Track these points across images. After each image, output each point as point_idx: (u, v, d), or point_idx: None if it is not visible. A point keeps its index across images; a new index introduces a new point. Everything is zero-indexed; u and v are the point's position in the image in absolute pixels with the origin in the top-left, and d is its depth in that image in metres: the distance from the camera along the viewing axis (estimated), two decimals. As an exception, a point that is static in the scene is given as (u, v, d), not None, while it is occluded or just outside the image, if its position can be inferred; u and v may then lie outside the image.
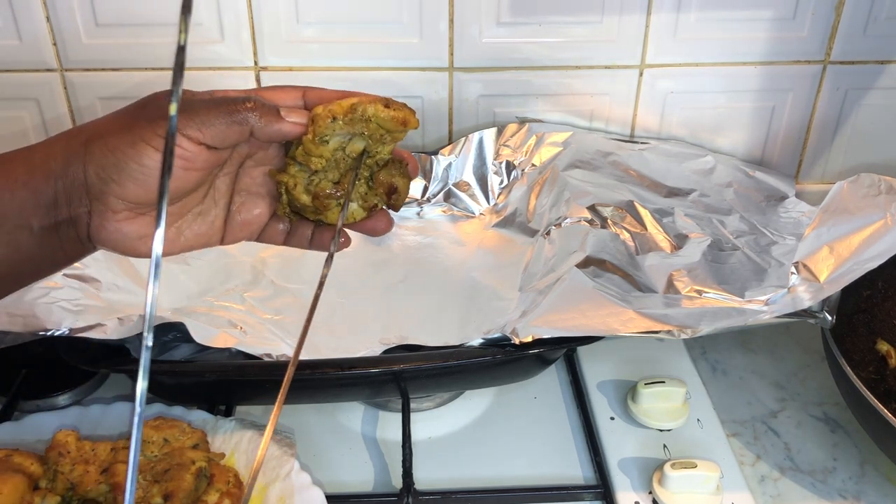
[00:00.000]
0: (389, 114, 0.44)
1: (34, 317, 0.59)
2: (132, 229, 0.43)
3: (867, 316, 0.71)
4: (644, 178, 0.79)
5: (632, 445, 0.64)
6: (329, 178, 0.46)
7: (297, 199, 0.46)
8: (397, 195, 0.48)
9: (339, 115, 0.44)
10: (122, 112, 0.44)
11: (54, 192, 0.42)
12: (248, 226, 0.48)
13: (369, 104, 0.44)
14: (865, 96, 0.83)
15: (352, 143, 0.45)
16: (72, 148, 0.42)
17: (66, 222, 0.42)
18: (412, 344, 0.63)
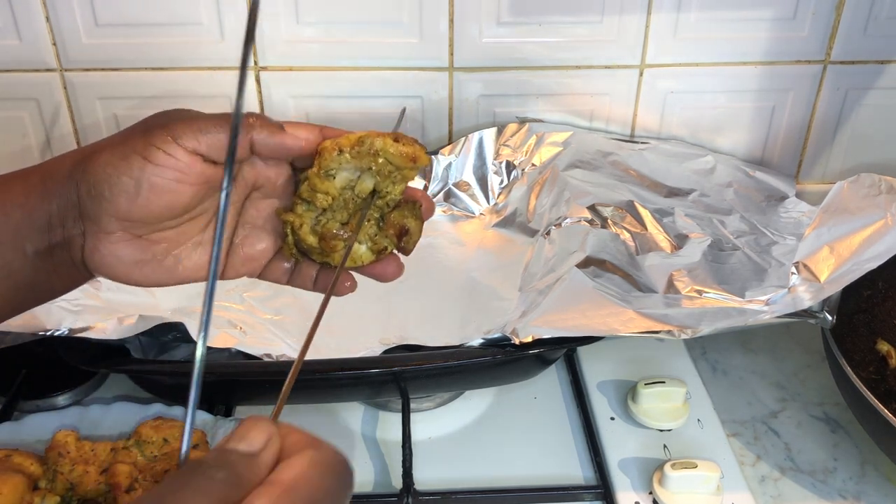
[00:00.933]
0: (398, 148, 0.42)
1: (34, 317, 0.59)
2: (127, 253, 0.41)
3: (867, 316, 0.71)
4: (644, 178, 0.79)
5: (632, 445, 0.64)
6: (337, 218, 0.44)
7: (304, 239, 0.44)
8: (408, 237, 0.45)
9: (345, 148, 0.42)
10: (126, 129, 0.43)
11: (48, 214, 0.40)
12: (252, 261, 0.46)
13: (377, 137, 0.42)
14: (865, 96, 0.83)
15: (361, 181, 0.43)
16: (68, 166, 0.41)
17: (60, 245, 0.41)
18: (412, 344, 0.63)
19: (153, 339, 0.65)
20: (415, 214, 0.45)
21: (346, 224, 0.44)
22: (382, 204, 0.44)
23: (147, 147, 0.39)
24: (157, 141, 0.39)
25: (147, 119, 0.42)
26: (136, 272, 0.42)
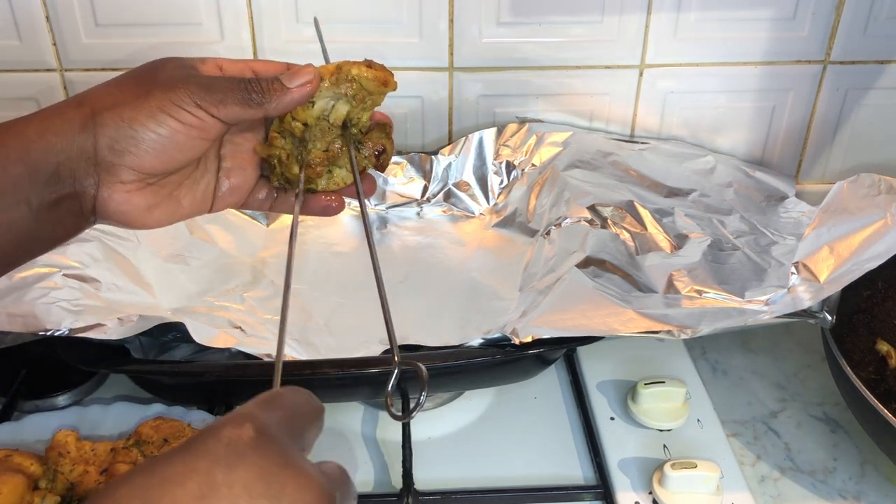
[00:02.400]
0: (372, 73, 0.47)
1: (34, 317, 0.59)
2: (141, 200, 0.43)
3: (867, 316, 0.71)
4: (644, 178, 0.79)
5: (632, 445, 0.64)
6: (318, 147, 0.48)
7: (289, 170, 0.48)
8: (385, 156, 0.50)
9: (325, 76, 0.46)
10: (129, 81, 0.43)
11: (56, 167, 0.41)
12: (236, 191, 0.49)
13: (353, 65, 0.47)
14: (865, 96, 0.83)
15: (335, 109, 0.48)
16: (76, 120, 0.41)
17: (70, 197, 0.42)
18: (412, 344, 0.63)
19: (153, 339, 0.65)
20: (387, 135, 0.51)
21: (327, 151, 0.49)
22: (356, 132, 0.49)
23: (173, 107, 0.41)
24: (182, 102, 0.42)
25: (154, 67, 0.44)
26: (147, 216, 0.45)
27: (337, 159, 0.49)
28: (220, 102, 0.43)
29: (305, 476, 0.28)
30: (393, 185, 0.84)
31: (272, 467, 0.28)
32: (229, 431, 0.28)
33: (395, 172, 0.83)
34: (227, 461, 0.27)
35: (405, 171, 0.84)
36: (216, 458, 0.27)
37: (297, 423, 0.31)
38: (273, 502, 0.27)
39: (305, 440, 0.32)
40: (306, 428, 0.32)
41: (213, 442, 0.28)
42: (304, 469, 0.29)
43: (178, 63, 0.44)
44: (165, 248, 0.74)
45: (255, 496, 0.27)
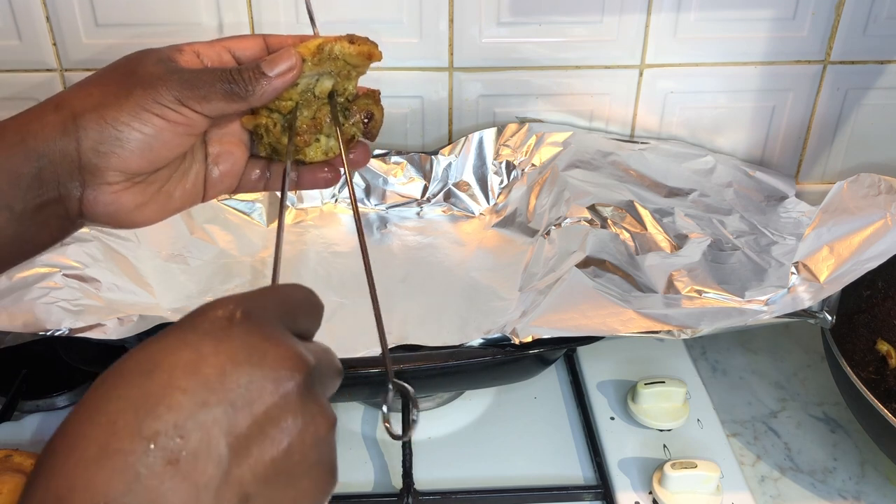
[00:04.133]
0: (355, 49, 0.46)
1: (34, 317, 0.59)
2: (129, 199, 0.43)
3: (867, 316, 0.71)
4: (644, 178, 0.79)
5: (632, 445, 0.64)
6: (305, 115, 0.47)
7: (278, 139, 0.48)
8: (374, 122, 0.49)
9: (307, 57, 0.45)
10: (108, 78, 0.43)
11: (37, 172, 0.40)
12: (227, 176, 0.49)
13: (335, 43, 0.46)
14: (865, 96, 0.83)
15: (319, 83, 0.47)
16: (56, 123, 0.41)
17: (53, 201, 0.41)
18: (412, 344, 0.63)
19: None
20: (375, 101, 0.49)
21: (314, 119, 0.48)
22: (343, 100, 0.48)
23: (156, 105, 0.41)
24: (165, 100, 0.41)
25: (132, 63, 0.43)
26: (137, 215, 0.44)
27: (324, 127, 0.48)
28: (204, 98, 0.42)
29: (285, 346, 0.31)
30: (393, 185, 0.84)
31: (255, 340, 0.30)
32: (219, 312, 0.31)
33: (395, 172, 0.83)
34: (214, 335, 0.30)
35: (405, 171, 0.84)
36: (205, 332, 0.30)
37: (288, 310, 0.33)
38: (254, 368, 0.30)
39: (298, 327, 0.34)
40: (299, 317, 0.34)
41: (201, 320, 0.31)
42: (285, 341, 0.31)
43: (156, 57, 0.44)
44: (165, 248, 0.74)
45: (238, 363, 0.29)
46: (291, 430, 0.30)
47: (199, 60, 0.45)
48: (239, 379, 0.29)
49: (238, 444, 0.29)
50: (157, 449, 0.27)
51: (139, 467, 0.27)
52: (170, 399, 0.28)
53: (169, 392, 0.28)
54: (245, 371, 0.29)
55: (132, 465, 0.27)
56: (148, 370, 0.29)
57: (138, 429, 0.27)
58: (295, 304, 0.34)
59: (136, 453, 0.27)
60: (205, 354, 0.29)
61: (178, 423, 0.28)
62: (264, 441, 0.29)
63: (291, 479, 0.30)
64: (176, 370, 0.29)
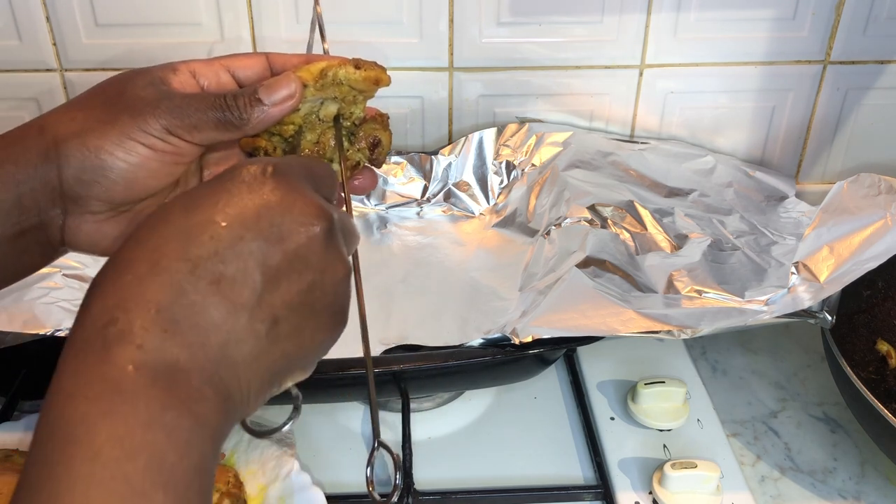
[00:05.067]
0: (361, 74, 0.43)
1: (34, 317, 0.59)
2: (112, 229, 0.41)
3: (867, 316, 0.71)
4: (644, 178, 0.79)
5: (632, 445, 0.64)
6: (308, 139, 0.45)
7: None
8: (380, 149, 0.47)
9: (309, 82, 0.43)
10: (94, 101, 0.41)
11: (17, 199, 0.38)
12: None
13: (339, 67, 0.43)
14: (865, 96, 0.83)
15: (324, 107, 0.45)
16: (38, 149, 0.39)
17: (34, 228, 0.39)
18: (412, 344, 0.63)
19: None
20: (383, 126, 0.47)
21: (318, 143, 0.46)
22: (349, 125, 0.46)
23: (142, 134, 0.39)
24: (152, 129, 0.39)
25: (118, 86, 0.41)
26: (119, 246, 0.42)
27: (328, 152, 0.46)
28: (194, 128, 0.40)
29: (311, 198, 0.35)
30: (393, 185, 0.84)
31: (285, 190, 0.34)
32: (254, 168, 0.34)
33: (395, 172, 0.83)
34: (249, 185, 0.34)
35: (405, 171, 0.84)
36: (241, 181, 0.34)
37: (312, 174, 0.37)
38: (285, 213, 0.33)
39: (321, 192, 0.36)
40: (321, 183, 0.37)
41: (237, 172, 0.34)
42: (311, 195, 0.35)
43: (147, 79, 0.41)
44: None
45: (271, 207, 0.33)
46: (315, 269, 0.34)
47: (195, 81, 0.43)
48: (272, 219, 0.33)
49: (270, 275, 0.32)
50: (201, 270, 0.31)
51: (185, 284, 0.31)
52: (211, 230, 0.32)
53: (210, 225, 0.32)
54: (277, 214, 0.33)
55: (179, 281, 0.31)
56: (191, 207, 0.33)
57: (184, 252, 0.31)
58: (318, 173, 0.38)
59: (181, 272, 0.31)
60: (242, 197, 0.33)
61: (219, 251, 0.32)
62: (291, 275, 0.33)
63: (312, 312, 0.34)
64: (216, 208, 0.33)
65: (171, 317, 0.30)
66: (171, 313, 0.30)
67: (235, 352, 0.32)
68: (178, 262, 0.31)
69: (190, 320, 0.30)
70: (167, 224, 0.32)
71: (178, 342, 0.30)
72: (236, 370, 0.32)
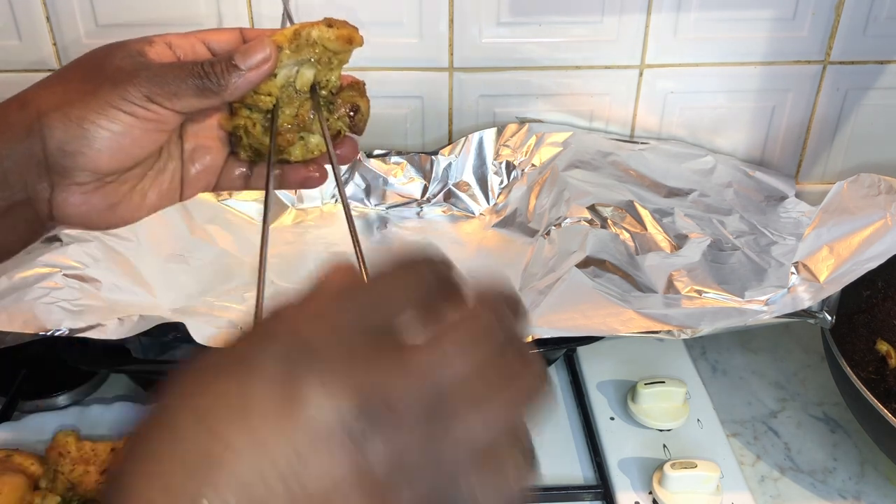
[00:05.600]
0: (334, 33, 0.43)
1: (34, 317, 0.59)
2: (100, 200, 0.41)
3: (867, 316, 0.71)
4: (644, 178, 0.79)
5: (632, 445, 0.64)
6: (287, 113, 0.45)
7: (259, 140, 0.45)
8: (360, 115, 0.46)
9: (284, 44, 0.42)
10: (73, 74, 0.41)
11: (2, 175, 0.39)
12: (205, 174, 0.46)
13: (312, 27, 0.43)
14: (865, 96, 0.83)
15: (300, 75, 0.44)
16: (20, 123, 0.39)
17: (22, 203, 0.40)
18: (412, 344, 0.63)
19: (153, 339, 0.65)
20: (361, 93, 0.47)
21: (296, 116, 0.45)
22: (326, 94, 0.45)
23: (124, 103, 0.39)
24: (133, 97, 0.39)
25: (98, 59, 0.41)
26: (110, 216, 0.42)
27: (308, 124, 0.46)
28: (174, 95, 0.40)
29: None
30: (393, 185, 0.84)
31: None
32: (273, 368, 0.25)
33: (395, 172, 0.83)
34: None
35: (405, 171, 0.84)
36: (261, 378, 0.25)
37: (374, 310, 0.26)
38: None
39: (396, 314, 0.27)
40: (393, 304, 0.27)
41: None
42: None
43: (125, 51, 0.41)
44: (165, 248, 0.73)
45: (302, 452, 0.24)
46: None
47: (172, 52, 0.43)
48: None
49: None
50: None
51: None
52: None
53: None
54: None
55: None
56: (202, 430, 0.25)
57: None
58: (379, 295, 0.27)
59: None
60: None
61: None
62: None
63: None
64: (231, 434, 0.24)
65: None
66: None
67: None
68: None
69: None
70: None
71: None
72: None
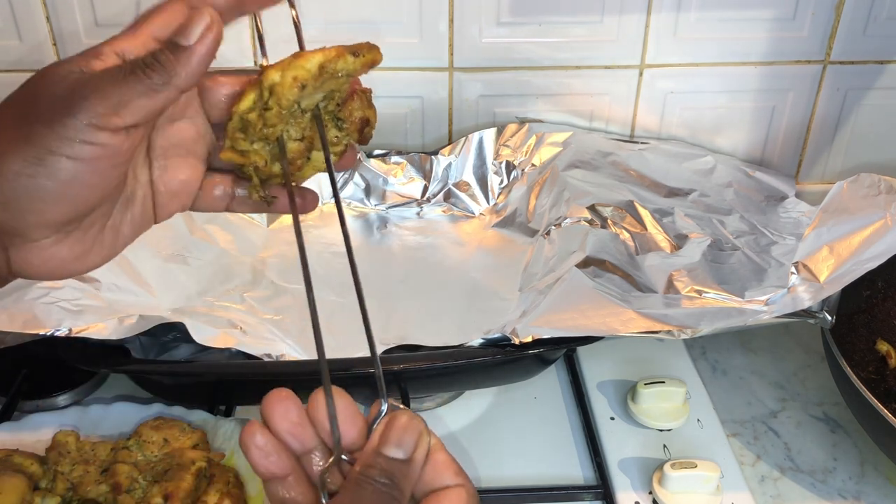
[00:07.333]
0: (360, 62, 0.39)
1: (34, 317, 0.59)
2: (66, 252, 0.37)
3: (867, 316, 0.71)
4: (644, 178, 0.79)
5: (632, 445, 0.64)
6: (294, 136, 0.41)
7: (269, 172, 0.41)
8: (369, 128, 0.43)
9: (308, 82, 0.38)
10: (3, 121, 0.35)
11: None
12: (179, 195, 0.41)
13: (338, 60, 0.39)
14: (865, 96, 0.83)
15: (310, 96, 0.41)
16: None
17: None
18: (412, 344, 0.63)
19: (153, 339, 0.65)
20: (368, 103, 0.43)
21: (304, 139, 0.41)
22: (333, 106, 0.42)
23: (64, 144, 0.33)
24: (73, 133, 0.33)
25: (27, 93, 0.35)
26: (80, 264, 0.38)
27: (316, 143, 0.42)
28: (120, 105, 0.33)
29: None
30: (393, 185, 0.84)
31: None
32: None
33: (395, 172, 0.83)
34: None
35: (405, 171, 0.84)
36: None
37: None
38: None
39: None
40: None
41: None
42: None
43: (61, 74, 0.34)
44: (165, 248, 0.73)
45: None
46: None
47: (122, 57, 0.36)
48: None
49: None
50: None
51: None
52: None
53: None
54: None
55: None
56: None
57: None
58: None
59: None
60: None
61: None
62: None
63: None
64: None
65: None
66: None
67: None
68: None
69: None
70: None
71: None
72: None
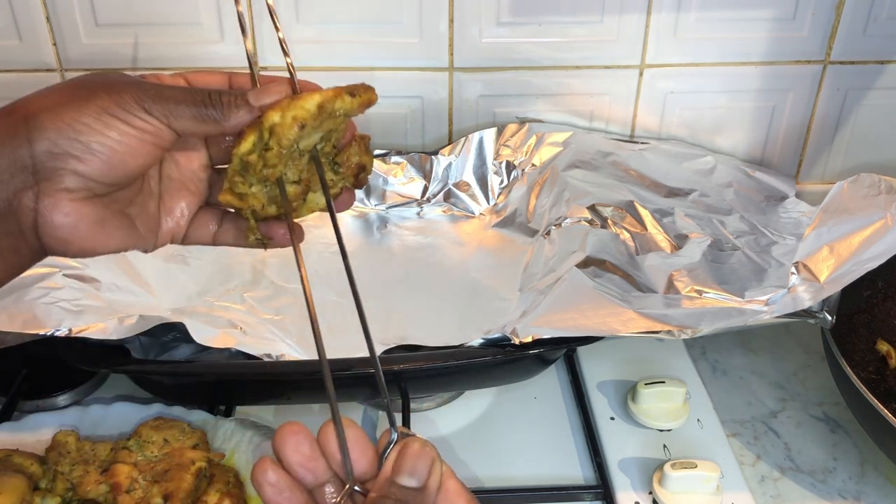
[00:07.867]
0: (357, 101, 0.41)
1: (34, 317, 0.59)
2: (91, 210, 0.38)
3: (867, 316, 0.71)
4: (644, 178, 0.79)
5: (632, 445, 0.64)
6: (291, 178, 0.43)
7: (266, 214, 0.43)
8: (365, 174, 0.45)
9: (307, 121, 0.40)
10: (66, 86, 0.38)
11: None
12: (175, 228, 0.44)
13: (336, 100, 0.40)
14: (865, 96, 0.83)
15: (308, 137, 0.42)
16: (4, 128, 0.36)
17: (5, 215, 0.37)
18: (412, 344, 0.63)
19: (153, 339, 0.65)
20: (366, 149, 0.44)
21: (300, 181, 0.43)
22: (330, 148, 0.43)
23: (120, 111, 0.37)
24: (130, 106, 0.37)
25: (91, 76, 0.39)
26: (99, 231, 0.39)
27: (313, 185, 0.44)
28: (171, 113, 0.38)
29: None
30: (393, 185, 0.84)
31: None
32: None
33: (395, 172, 0.83)
34: None
35: (405, 171, 0.84)
36: None
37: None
38: None
39: None
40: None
41: None
42: None
43: (121, 74, 0.40)
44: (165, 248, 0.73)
45: None
46: None
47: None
48: None
49: None
50: None
51: None
52: None
53: None
54: None
55: None
56: None
57: None
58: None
59: None
60: None
61: None
62: None
63: None
64: None
65: None
66: None
67: None
68: None
69: None
70: None
71: None
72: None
